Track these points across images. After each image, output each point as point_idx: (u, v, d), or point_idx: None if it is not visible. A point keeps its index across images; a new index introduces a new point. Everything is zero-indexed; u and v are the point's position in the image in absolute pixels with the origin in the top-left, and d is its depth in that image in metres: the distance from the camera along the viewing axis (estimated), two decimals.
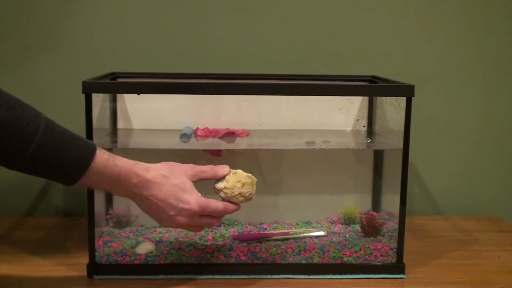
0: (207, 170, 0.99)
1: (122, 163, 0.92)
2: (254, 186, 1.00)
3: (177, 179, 0.95)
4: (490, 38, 1.45)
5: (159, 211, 0.95)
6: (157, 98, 1.19)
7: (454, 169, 1.50)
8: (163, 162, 0.97)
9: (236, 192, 0.98)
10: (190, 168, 0.97)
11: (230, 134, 1.22)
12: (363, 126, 1.30)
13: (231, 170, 1.01)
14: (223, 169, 1.00)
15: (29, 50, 1.39)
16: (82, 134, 1.01)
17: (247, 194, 0.99)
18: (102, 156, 0.89)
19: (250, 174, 1.01)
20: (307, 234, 1.19)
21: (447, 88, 1.46)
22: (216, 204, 0.97)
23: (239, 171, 1.01)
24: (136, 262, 1.08)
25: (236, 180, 0.99)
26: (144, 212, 0.97)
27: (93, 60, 1.39)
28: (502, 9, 1.44)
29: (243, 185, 0.99)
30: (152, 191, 0.93)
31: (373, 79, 1.30)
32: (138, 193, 0.94)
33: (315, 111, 1.27)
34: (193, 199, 0.95)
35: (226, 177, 0.99)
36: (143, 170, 0.93)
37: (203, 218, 0.97)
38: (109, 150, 1.19)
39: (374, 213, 1.19)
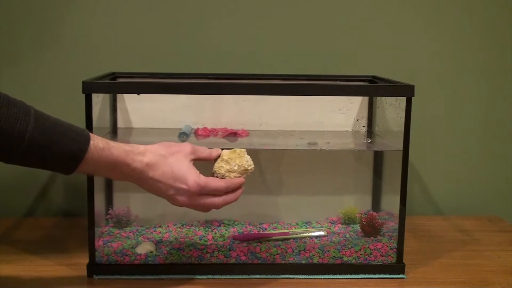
0: (202, 149, 0.99)
1: (118, 150, 0.91)
2: (243, 157, 1.00)
3: (174, 158, 0.94)
4: (491, 37, 1.45)
5: (160, 191, 0.94)
6: (157, 98, 1.19)
7: (454, 169, 1.50)
8: (160, 143, 0.96)
9: (226, 168, 0.98)
10: (187, 146, 0.97)
11: (232, 134, 1.23)
12: (363, 126, 1.30)
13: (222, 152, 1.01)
14: (216, 151, 1.00)
15: (29, 50, 1.38)
16: None
17: (237, 168, 0.99)
18: (96, 146, 0.88)
19: (234, 149, 1.00)
20: (307, 234, 1.19)
21: (447, 88, 1.46)
22: (217, 182, 0.96)
23: (224, 152, 1.00)
24: (136, 262, 1.08)
25: (223, 159, 0.99)
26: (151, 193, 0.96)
27: (93, 60, 1.39)
28: (502, 9, 1.44)
29: (227, 162, 0.99)
30: (150, 173, 0.92)
31: (373, 79, 1.30)
32: (137, 177, 0.93)
33: (315, 111, 1.27)
34: (191, 177, 0.93)
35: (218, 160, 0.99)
36: (139, 155, 0.92)
37: (205, 198, 0.95)
38: None
39: (374, 213, 1.19)
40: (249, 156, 1.01)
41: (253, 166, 1.01)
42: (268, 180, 1.28)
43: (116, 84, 1.21)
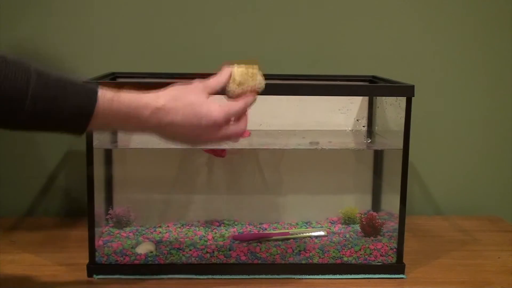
0: (213, 82, 0.93)
1: (129, 99, 0.85)
2: (256, 79, 0.95)
3: (190, 96, 0.88)
4: (491, 37, 1.45)
5: (184, 136, 0.89)
6: None
7: (454, 169, 1.50)
8: (170, 87, 0.90)
9: (239, 91, 0.94)
10: (198, 84, 0.91)
11: None
12: (363, 126, 1.30)
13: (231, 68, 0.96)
14: (224, 74, 0.94)
15: (29, 50, 1.38)
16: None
17: (250, 88, 0.94)
18: (105, 97, 0.83)
19: (246, 68, 0.96)
20: (307, 234, 1.19)
21: (447, 88, 1.46)
22: (236, 104, 0.91)
23: (236, 72, 0.95)
24: (136, 262, 1.08)
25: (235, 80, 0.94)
26: (171, 142, 0.91)
27: (93, 60, 1.39)
28: (503, 9, 1.44)
29: (240, 84, 0.94)
30: (169, 118, 0.86)
31: (373, 79, 1.30)
32: (155, 125, 0.86)
33: (315, 111, 1.27)
34: (215, 109, 0.88)
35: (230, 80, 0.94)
36: (152, 100, 0.86)
37: (230, 127, 0.90)
38: (109, 150, 1.21)
39: (374, 213, 1.19)
40: (260, 75, 0.96)
41: (263, 84, 0.95)
42: (268, 180, 1.28)
43: (116, 84, 1.21)
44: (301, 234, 1.19)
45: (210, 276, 1.07)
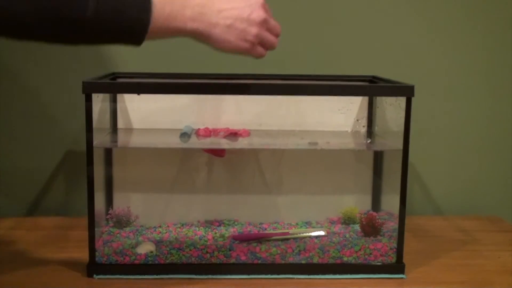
0: None
1: None
2: None
3: None
4: (492, 37, 1.45)
5: (237, 20, 0.91)
6: (157, 98, 1.19)
7: (454, 169, 1.50)
8: None
9: None
10: None
11: (233, 134, 1.23)
12: (363, 126, 1.30)
13: None
14: None
15: (29, 49, 1.38)
16: (82, 134, 1.02)
17: None
18: None
19: None
20: (307, 234, 1.19)
21: (447, 88, 1.46)
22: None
23: None
24: (136, 262, 1.08)
25: None
26: (224, 44, 0.93)
27: (93, 60, 1.39)
28: (503, 8, 1.44)
29: None
30: (216, 5, 0.89)
31: (373, 79, 1.30)
32: (209, 11, 0.89)
33: (315, 111, 1.27)
34: None
35: None
36: None
37: (271, 19, 0.97)
38: (109, 150, 1.21)
39: (374, 213, 1.19)
40: None
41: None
42: (268, 180, 1.28)
43: (116, 84, 1.21)
44: (301, 234, 1.19)
45: (210, 276, 1.07)
